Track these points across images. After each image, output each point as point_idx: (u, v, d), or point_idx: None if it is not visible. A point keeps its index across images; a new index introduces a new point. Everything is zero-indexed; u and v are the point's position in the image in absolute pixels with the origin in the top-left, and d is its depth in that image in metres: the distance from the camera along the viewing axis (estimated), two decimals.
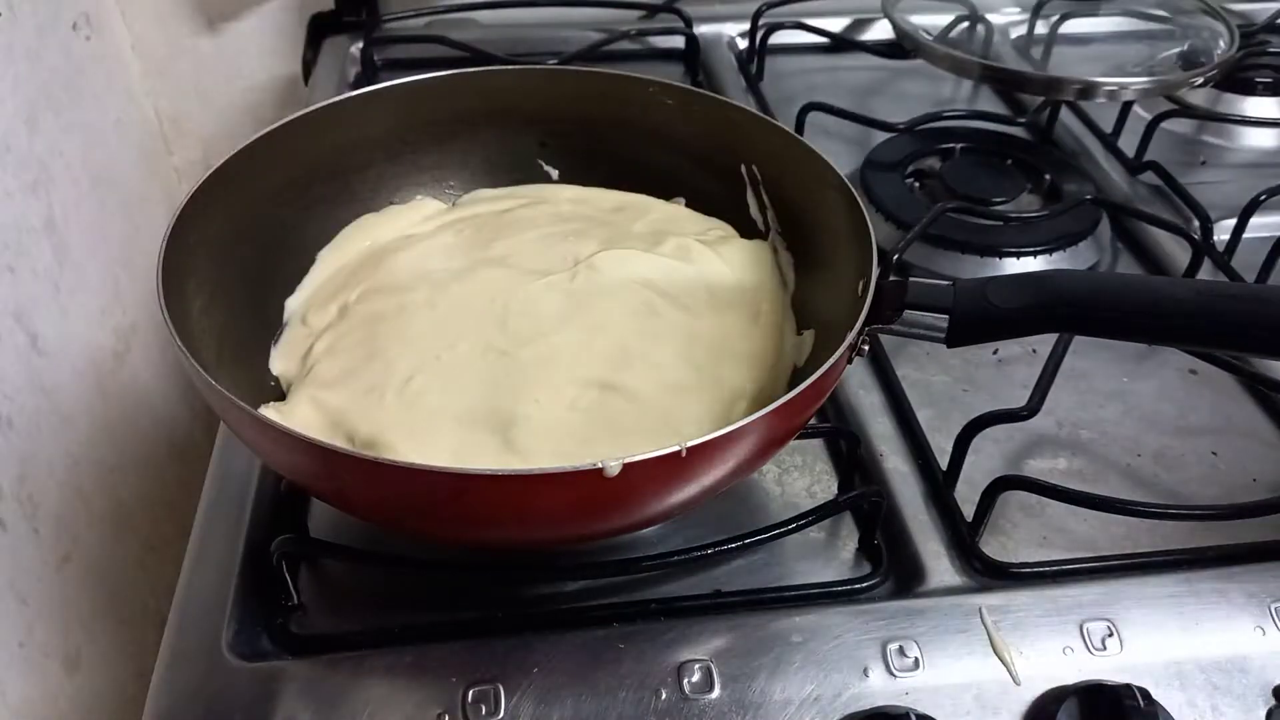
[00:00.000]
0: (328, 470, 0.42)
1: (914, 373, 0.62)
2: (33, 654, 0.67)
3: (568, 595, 0.49)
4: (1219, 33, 0.85)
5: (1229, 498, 0.55)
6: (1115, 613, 0.48)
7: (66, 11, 0.83)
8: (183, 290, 0.48)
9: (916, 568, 0.51)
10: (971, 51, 0.88)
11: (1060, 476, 0.55)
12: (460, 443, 0.47)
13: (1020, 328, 0.46)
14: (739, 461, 0.44)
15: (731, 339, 0.54)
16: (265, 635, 0.47)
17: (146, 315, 0.91)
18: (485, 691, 0.44)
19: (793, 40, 0.96)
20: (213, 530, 0.52)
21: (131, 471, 0.85)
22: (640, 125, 0.63)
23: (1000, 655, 0.46)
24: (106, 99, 0.90)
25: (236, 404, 0.40)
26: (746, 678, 0.45)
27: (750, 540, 0.50)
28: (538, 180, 0.66)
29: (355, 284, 0.57)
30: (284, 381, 0.54)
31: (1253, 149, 0.86)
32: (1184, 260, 0.69)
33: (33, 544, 0.69)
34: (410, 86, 0.61)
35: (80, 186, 0.81)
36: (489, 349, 0.52)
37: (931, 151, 0.79)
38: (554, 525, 0.43)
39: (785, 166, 0.58)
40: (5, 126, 0.70)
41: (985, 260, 0.69)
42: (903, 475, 0.55)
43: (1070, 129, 0.87)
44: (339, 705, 0.43)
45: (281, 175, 0.57)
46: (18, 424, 0.68)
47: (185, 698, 0.44)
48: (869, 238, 0.49)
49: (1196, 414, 0.61)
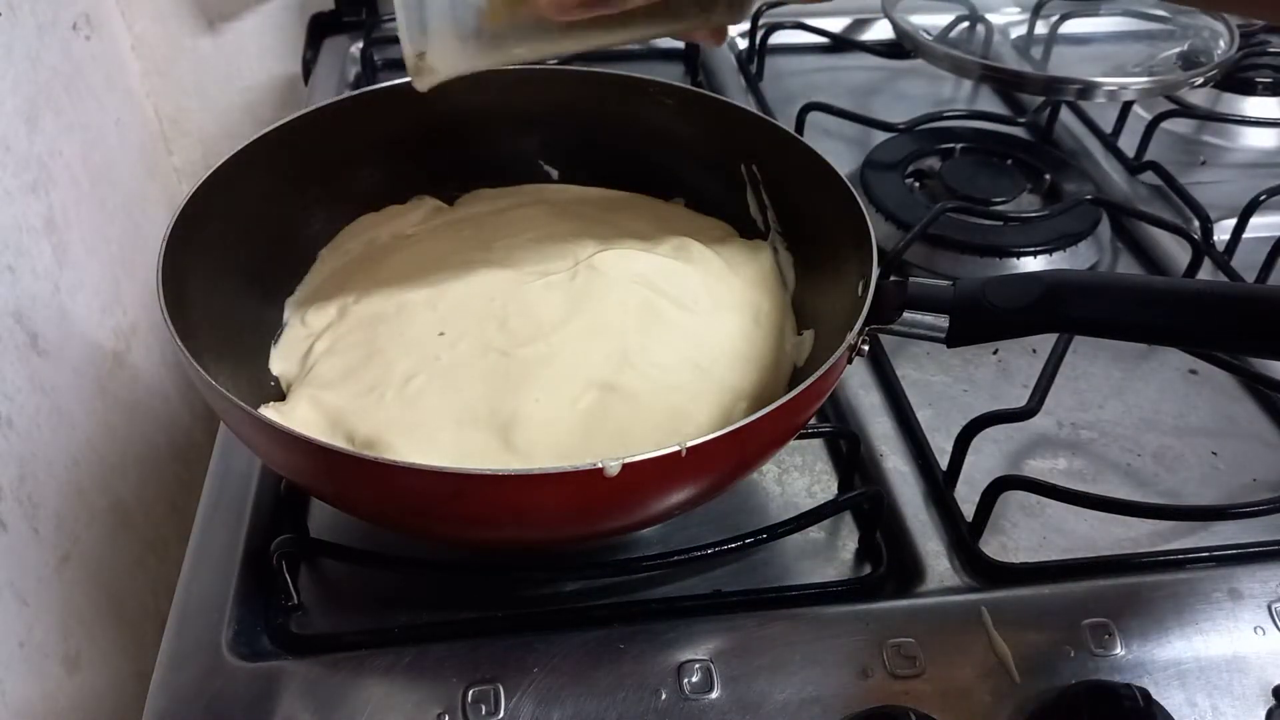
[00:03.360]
0: (328, 470, 0.42)
1: (914, 373, 0.62)
2: (33, 654, 0.67)
3: (568, 595, 0.49)
4: (1219, 33, 0.85)
5: (1229, 498, 0.55)
6: (1115, 613, 0.48)
7: (66, 11, 0.83)
8: (183, 290, 0.48)
9: (916, 568, 0.51)
10: (971, 51, 0.88)
11: (1060, 476, 0.55)
12: (460, 443, 0.47)
13: (1020, 328, 0.46)
14: (739, 461, 0.44)
15: (731, 339, 0.54)
16: (265, 635, 0.47)
17: (146, 315, 0.91)
18: (485, 691, 0.44)
19: (793, 40, 0.96)
20: (213, 530, 0.52)
21: (131, 471, 0.85)
22: (640, 125, 0.63)
23: (1000, 655, 0.46)
24: (106, 99, 0.90)
25: (236, 404, 0.40)
26: (746, 678, 0.45)
27: (750, 540, 0.50)
28: (538, 180, 0.66)
29: (355, 284, 0.57)
30: (284, 381, 0.54)
31: (1253, 149, 0.86)
32: (1184, 260, 0.69)
33: (33, 544, 0.69)
34: (410, 86, 0.61)
35: (80, 186, 0.81)
36: (489, 349, 0.52)
37: (931, 151, 0.79)
38: (554, 525, 0.43)
39: (785, 166, 0.58)
40: (5, 126, 0.70)
41: (985, 260, 0.69)
42: (903, 475, 0.55)
43: (1070, 129, 0.87)
44: (339, 705, 0.43)
45: (281, 175, 0.57)
46: (18, 424, 0.68)
47: (185, 698, 0.44)
48: (869, 238, 0.49)
49: (1196, 414, 0.61)
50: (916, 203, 0.73)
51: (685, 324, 0.54)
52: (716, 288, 0.56)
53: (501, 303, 0.54)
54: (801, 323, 0.57)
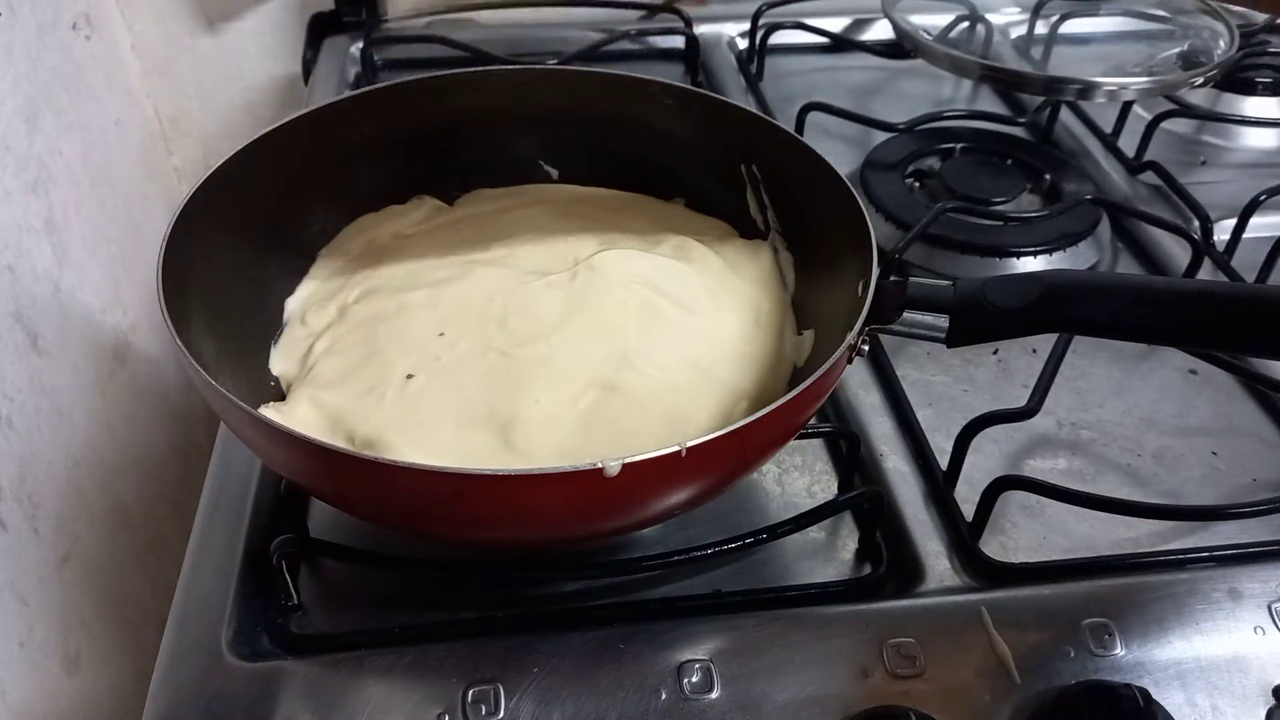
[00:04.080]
0: (328, 470, 0.42)
1: (914, 373, 0.62)
2: (33, 654, 0.67)
3: (568, 595, 0.49)
4: (1219, 33, 0.85)
5: (1229, 498, 0.55)
6: (1115, 613, 0.47)
7: (66, 11, 0.83)
8: (183, 290, 0.48)
9: (916, 568, 0.51)
10: (971, 51, 0.88)
11: (1060, 476, 0.55)
12: (460, 443, 0.47)
13: (1020, 328, 0.46)
14: (739, 461, 0.44)
15: (731, 339, 0.54)
16: (265, 635, 0.47)
17: (146, 315, 0.91)
18: (485, 691, 0.44)
19: (793, 40, 0.96)
20: (213, 530, 0.52)
21: (131, 471, 0.85)
22: (640, 125, 0.63)
23: (1000, 655, 0.46)
24: (106, 99, 0.90)
25: (236, 404, 0.40)
26: (746, 678, 0.45)
27: (750, 540, 0.50)
28: (538, 180, 0.66)
29: (355, 284, 0.57)
30: (284, 381, 0.54)
31: (1253, 149, 0.86)
32: (1184, 260, 0.69)
33: (33, 544, 0.69)
34: (410, 86, 0.61)
35: (80, 186, 0.81)
36: (489, 349, 0.52)
37: (931, 151, 0.79)
38: (554, 525, 0.43)
39: (785, 166, 0.58)
40: (5, 126, 0.70)
41: (985, 260, 0.69)
42: (903, 475, 0.55)
43: (1070, 129, 0.87)
44: (339, 705, 0.43)
45: (281, 175, 0.57)
46: (18, 424, 0.68)
47: (185, 698, 0.44)
48: (869, 238, 0.49)
49: (1196, 414, 0.61)
50: (916, 203, 0.73)
51: (685, 324, 0.54)
52: (716, 288, 0.56)
53: (501, 303, 0.54)
54: (801, 323, 0.57)
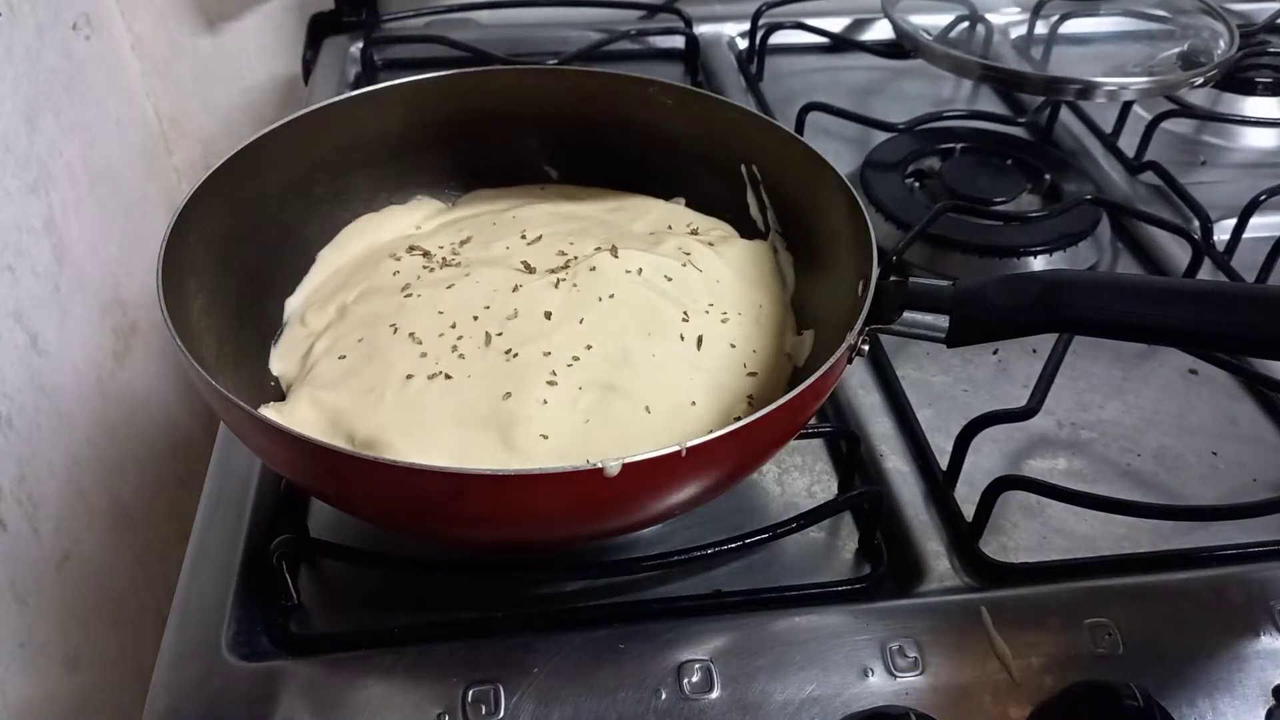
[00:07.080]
0: (328, 470, 0.42)
1: (914, 373, 0.62)
2: (33, 654, 0.67)
3: (568, 595, 0.49)
4: (1219, 33, 0.85)
5: (1229, 498, 0.55)
6: (1115, 613, 0.47)
7: (66, 11, 0.83)
8: (183, 290, 0.48)
9: (916, 568, 0.51)
10: (971, 51, 0.88)
11: (1060, 476, 0.55)
12: (460, 443, 0.47)
13: (1020, 328, 0.46)
14: (739, 461, 0.44)
15: (731, 339, 0.54)
16: (265, 635, 0.47)
17: (146, 315, 0.91)
18: (485, 691, 0.44)
19: (793, 40, 0.96)
20: (213, 530, 0.52)
21: (131, 471, 0.85)
22: (640, 125, 0.63)
23: (1000, 655, 0.46)
24: (106, 99, 0.90)
25: (236, 404, 0.40)
26: (746, 678, 0.45)
27: (750, 540, 0.50)
28: (538, 180, 0.66)
29: (355, 284, 0.57)
30: (284, 381, 0.54)
31: (1253, 149, 0.86)
32: (1184, 260, 0.69)
33: (33, 544, 0.69)
34: (410, 86, 0.61)
35: (80, 186, 0.81)
36: (489, 349, 0.52)
37: (931, 151, 0.79)
38: (554, 525, 0.43)
39: (785, 166, 0.58)
40: (5, 126, 0.70)
41: (985, 260, 0.69)
42: (903, 475, 0.55)
43: (1070, 129, 0.87)
44: (339, 705, 0.43)
45: (281, 175, 0.57)
46: (18, 424, 0.68)
47: (185, 698, 0.44)
48: (869, 238, 0.49)
49: (1196, 414, 0.61)
50: (916, 203, 0.73)
51: (685, 324, 0.54)
52: (716, 288, 0.56)
53: (501, 303, 0.54)
54: (801, 323, 0.57)
